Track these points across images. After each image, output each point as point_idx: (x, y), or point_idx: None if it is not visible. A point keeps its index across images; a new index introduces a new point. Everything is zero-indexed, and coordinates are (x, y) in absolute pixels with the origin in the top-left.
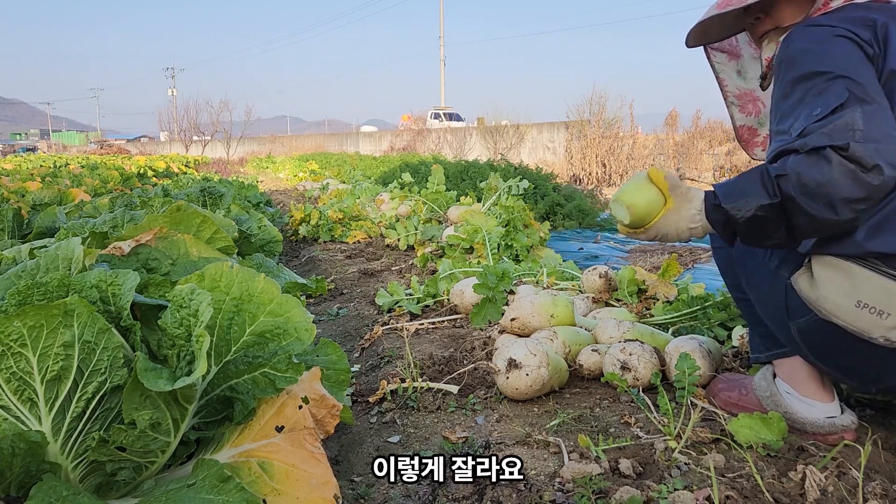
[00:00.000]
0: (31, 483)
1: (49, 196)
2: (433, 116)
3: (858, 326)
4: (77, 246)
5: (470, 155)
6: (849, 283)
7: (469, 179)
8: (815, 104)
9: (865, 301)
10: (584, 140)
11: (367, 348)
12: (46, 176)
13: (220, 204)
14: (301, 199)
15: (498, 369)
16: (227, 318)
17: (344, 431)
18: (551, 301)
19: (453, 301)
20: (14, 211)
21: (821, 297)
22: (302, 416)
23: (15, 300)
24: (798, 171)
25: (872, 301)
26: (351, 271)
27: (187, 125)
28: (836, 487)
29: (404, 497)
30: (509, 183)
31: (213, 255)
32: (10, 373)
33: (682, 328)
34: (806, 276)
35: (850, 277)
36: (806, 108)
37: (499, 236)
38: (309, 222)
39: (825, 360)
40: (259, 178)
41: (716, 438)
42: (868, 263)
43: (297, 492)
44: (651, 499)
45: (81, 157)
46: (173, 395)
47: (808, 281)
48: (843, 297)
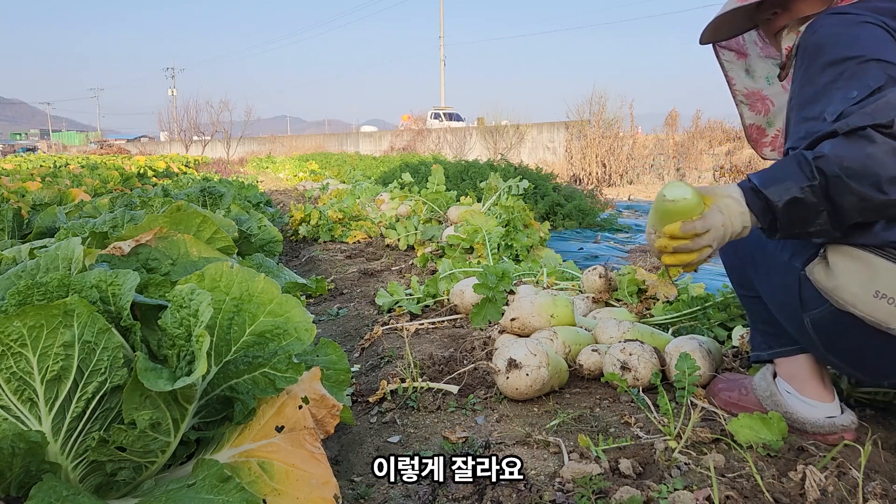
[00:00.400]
0: (31, 483)
1: (49, 196)
2: (433, 116)
3: (876, 317)
4: (77, 246)
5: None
6: (867, 273)
7: (469, 179)
8: (850, 87)
9: (884, 291)
10: (584, 140)
11: (367, 348)
12: (46, 176)
13: (220, 204)
14: (301, 199)
15: (498, 369)
16: (227, 318)
17: (344, 431)
18: (551, 301)
19: (453, 301)
20: (14, 211)
21: (838, 286)
22: (302, 416)
23: (15, 300)
24: (838, 153)
25: (891, 291)
26: (351, 271)
27: (187, 125)
28: (836, 487)
29: (404, 497)
30: (509, 183)
31: (213, 255)
32: (10, 373)
33: (682, 328)
34: (822, 266)
35: (869, 267)
36: (839, 91)
37: (499, 236)
38: (309, 222)
39: (838, 353)
40: (259, 178)
41: (716, 438)
42: (887, 253)
43: (297, 492)
44: (651, 499)
45: (81, 157)
46: (173, 395)
47: (823, 271)
48: (860, 286)
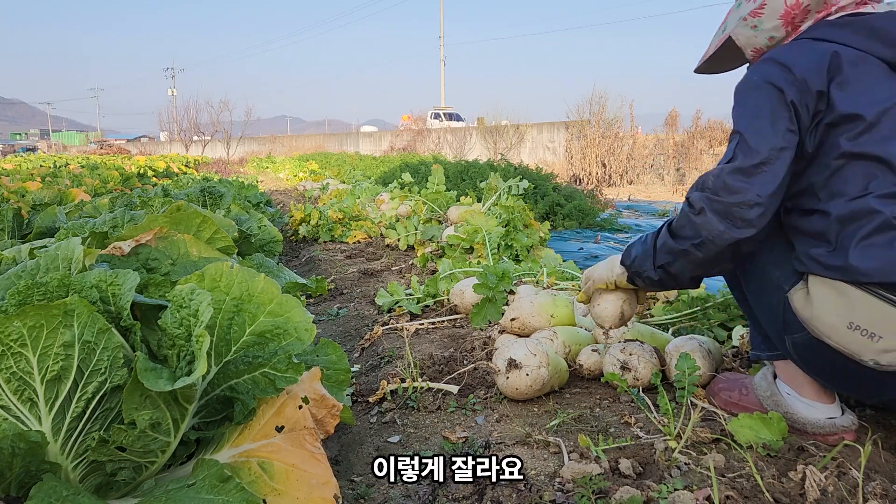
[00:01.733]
0: (31, 483)
1: (49, 196)
2: (433, 116)
3: (850, 349)
4: (77, 246)
5: (470, 155)
6: (843, 304)
7: (469, 179)
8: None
9: (858, 323)
10: (584, 140)
11: (367, 348)
12: (46, 176)
13: (220, 204)
14: (301, 199)
15: (498, 369)
16: (227, 318)
17: (344, 431)
18: (551, 301)
19: (453, 301)
20: (14, 211)
21: (814, 316)
22: (302, 416)
23: (15, 300)
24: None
25: (865, 323)
26: (351, 271)
27: (187, 125)
28: (836, 487)
29: (404, 497)
30: (509, 183)
31: (213, 255)
32: (10, 373)
33: (682, 328)
34: (802, 294)
35: (844, 298)
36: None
37: (499, 236)
38: (309, 222)
39: (819, 374)
40: (259, 178)
41: (716, 438)
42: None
43: (297, 492)
44: (651, 499)
45: (81, 157)
46: (173, 395)
47: (803, 299)
48: (836, 317)
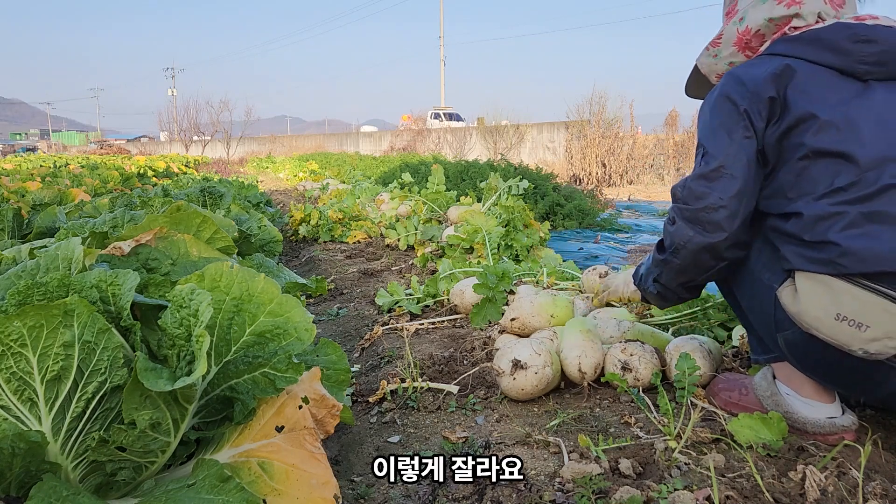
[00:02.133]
0: (31, 483)
1: (49, 196)
2: (433, 116)
3: (839, 340)
4: (77, 246)
5: (470, 155)
6: (828, 296)
7: (469, 179)
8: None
9: (844, 314)
10: (584, 140)
11: (367, 348)
12: (46, 176)
13: (220, 204)
14: (301, 199)
15: (502, 370)
16: (227, 318)
17: (344, 431)
18: (551, 301)
19: (453, 301)
20: (14, 211)
21: (802, 311)
22: (302, 416)
23: (15, 300)
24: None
25: (851, 314)
26: (351, 271)
27: (187, 125)
28: (836, 487)
29: (404, 497)
30: (509, 183)
31: (213, 255)
32: (10, 373)
33: (682, 328)
34: (790, 290)
35: (830, 290)
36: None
37: (499, 236)
38: (309, 222)
39: (813, 372)
40: (259, 178)
41: (716, 438)
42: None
43: (297, 492)
44: (651, 499)
45: (81, 157)
46: (173, 395)
47: (791, 295)
48: (822, 310)
